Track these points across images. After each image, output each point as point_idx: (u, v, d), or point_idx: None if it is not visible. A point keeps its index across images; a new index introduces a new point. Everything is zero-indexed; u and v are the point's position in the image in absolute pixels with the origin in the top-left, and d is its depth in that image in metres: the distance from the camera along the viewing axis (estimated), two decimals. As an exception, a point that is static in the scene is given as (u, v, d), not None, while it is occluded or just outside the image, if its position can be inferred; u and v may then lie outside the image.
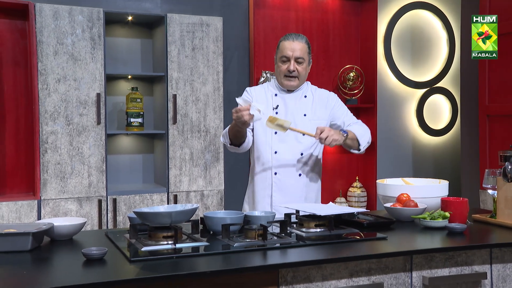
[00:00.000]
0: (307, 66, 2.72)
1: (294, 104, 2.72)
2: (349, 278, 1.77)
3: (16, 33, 3.98)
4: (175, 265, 1.64)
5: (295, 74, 2.66)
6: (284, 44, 2.68)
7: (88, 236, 2.07)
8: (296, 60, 2.65)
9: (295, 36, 2.71)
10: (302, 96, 2.75)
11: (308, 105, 2.74)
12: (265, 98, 2.74)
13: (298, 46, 2.65)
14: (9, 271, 1.60)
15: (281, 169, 2.65)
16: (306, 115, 2.71)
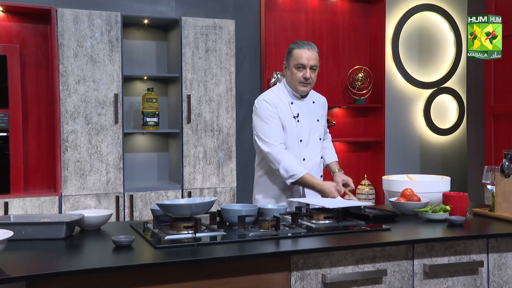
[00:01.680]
0: (316, 73, 2.89)
1: (308, 110, 2.89)
2: (355, 265, 1.92)
3: (38, 36, 4.16)
4: (195, 251, 1.80)
5: (310, 81, 2.83)
6: (299, 52, 2.79)
7: (114, 226, 2.24)
8: (311, 68, 2.80)
9: (309, 45, 2.82)
10: (311, 102, 2.93)
11: (317, 110, 2.94)
12: (284, 107, 2.84)
13: (313, 55, 2.80)
14: (48, 256, 1.77)
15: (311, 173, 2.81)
16: (319, 120, 2.93)
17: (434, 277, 2.06)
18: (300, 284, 1.85)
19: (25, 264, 1.69)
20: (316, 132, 2.91)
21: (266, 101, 2.81)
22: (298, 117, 2.83)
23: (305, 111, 2.87)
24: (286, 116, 2.81)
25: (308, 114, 2.88)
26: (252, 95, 4.86)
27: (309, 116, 2.88)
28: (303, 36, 5.03)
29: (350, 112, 5.26)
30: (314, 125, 2.88)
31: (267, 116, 2.77)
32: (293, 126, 2.81)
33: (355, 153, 5.28)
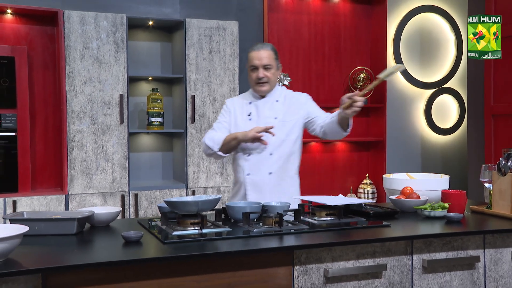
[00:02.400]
0: (275, 71, 2.90)
1: (266, 109, 2.90)
2: (356, 259, 1.99)
3: (45, 38, 4.24)
4: (202, 246, 1.88)
5: (265, 80, 2.85)
6: (251, 54, 2.88)
7: (122, 223, 2.32)
8: (264, 67, 2.83)
9: (260, 45, 2.89)
10: (274, 101, 2.93)
11: (279, 108, 2.91)
12: (241, 107, 2.95)
13: (265, 54, 2.84)
14: (61, 250, 1.84)
15: (253, 170, 2.83)
16: (277, 118, 2.88)
17: (432, 271, 2.13)
18: (303, 278, 1.92)
19: (40, 257, 1.76)
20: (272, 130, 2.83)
21: (226, 104, 3.04)
22: (250, 116, 2.90)
23: (262, 110, 2.90)
24: (241, 115, 2.92)
25: (265, 113, 2.89)
26: (255, 95, 4.93)
27: (266, 114, 2.88)
28: (305, 37, 5.11)
29: (352, 112, 5.31)
30: (270, 122, 2.85)
31: (220, 115, 3.01)
32: (244, 124, 2.88)
33: (357, 152, 5.35)
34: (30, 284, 1.58)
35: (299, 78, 5.09)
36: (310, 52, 5.14)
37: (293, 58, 5.08)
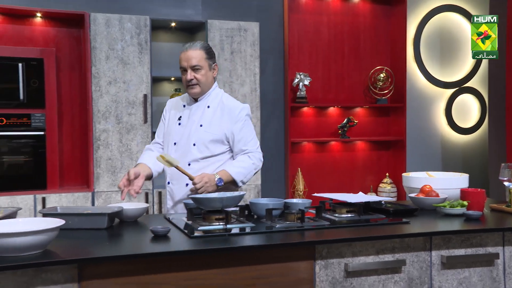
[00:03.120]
0: (207, 72, 2.67)
1: (196, 114, 2.71)
2: (375, 255, 2.05)
3: (72, 40, 4.37)
4: (226, 241, 1.95)
5: (195, 82, 2.64)
6: (180, 56, 2.68)
7: (150, 219, 2.41)
8: (192, 68, 2.63)
9: (189, 45, 2.68)
10: (205, 106, 2.72)
11: (208, 116, 2.70)
12: (176, 110, 2.81)
13: (193, 54, 2.63)
14: (94, 243, 1.94)
15: (174, 180, 2.74)
16: (202, 125, 2.68)
17: (451, 267, 2.17)
18: (324, 272, 1.98)
19: (75, 249, 1.86)
20: (193, 137, 2.67)
21: (166, 104, 2.91)
22: (180, 120, 2.75)
23: (192, 115, 2.72)
24: (173, 119, 2.79)
25: (193, 119, 2.71)
26: (276, 95, 5.00)
27: (193, 121, 2.70)
28: (325, 37, 5.16)
29: (372, 111, 5.36)
30: (193, 130, 2.68)
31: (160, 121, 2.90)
32: (173, 128, 2.76)
33: (377, 151, 5.38)
34: (66, 273, 1.68)
35: (319, 78, 5.15)
36: (329, 52, 5.19)
37: (313, 58, 5.14)
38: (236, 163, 2.66)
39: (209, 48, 2.72)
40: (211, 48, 2.75)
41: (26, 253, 1.69)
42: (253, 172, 2.70)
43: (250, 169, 2.68)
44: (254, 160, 2.71)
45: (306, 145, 5.17)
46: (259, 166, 2.76)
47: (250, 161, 2.68)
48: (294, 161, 5.05)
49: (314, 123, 5.18)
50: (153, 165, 2.73)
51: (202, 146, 2.66)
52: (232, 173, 2.60)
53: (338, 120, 5.21)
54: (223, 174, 2.57)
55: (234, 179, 2.60)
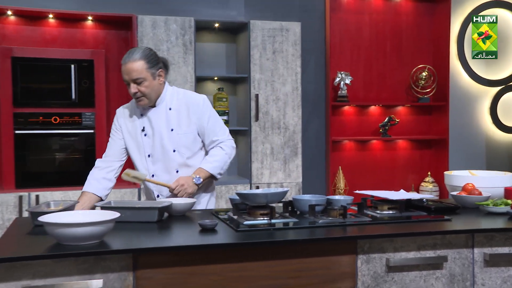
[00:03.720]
0: (152, 81, 2.55)
1: (160, 120, 2.62)
2: (417, 251, 2.09)
3: (120, 41, 4.54)
4: (271, 235, 2.03)
5: (139, 95, 2.54)
6: (121, 68, 2.55)
7: (196, 213, 2.51)
8: (134, 82, 2.52)
9: (127, 56, 2.53)
10: (166, 109, 2.62)
11: (174, 118, 2.62)
12: (132, 122, 2.66)
13: (133, 67, 2.49)
14: (146, 235, 2.06)
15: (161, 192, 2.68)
16: (173, 130, 2.61)
17: (494, 265, 2.18)
18: (366, 266, 2.04)
19: (129, 240, 1.98)
20: (170, 144, 2.62)
21: (116, 115, 2.76)
22: (145, 131, 2.63)
23: (156, 122, 2.62)
24: (134, 131, 2.65)
25: (159, 125, 2.61)
26: (317, 94, 5.05)
27: (160, 127, 2.61)
28: (366, 36, 5.17)
29: (414, 110, 5.34)
30: (166, 136, 2.61)
31: (112, 128, 2.75)
32: (140, 140, 2.64)
33: (418, 150, 5.36)
34: (122, 262, 1.79)
35: (360, 77, 5.17)
36: (371, 51, 5.20)
37: (354, 57, 5.16)
38: (210, 158, 2.66)
39: (149, 55, 2.55)
40: (152, 54, 2.58)
41: (85, 243, 1.81)
42: (228, 162, 2.73)
43: (225, 159, 2.70)
44: (227, 150, 2.71)
45: (347, 144, 5.20)
46: (233, 153, 2.76)
47: (223, 152, 2.69)
48: (335, 159, 5.09)
49: (355, 121, 5.21)
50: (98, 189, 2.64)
51: (183, 149, 2.63)
52: (208, 168, 2.62)
53: (379, 119, 5.22)
54: (200, 172, 2.60)
55: (212, 174, 2.64)
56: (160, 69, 2.60)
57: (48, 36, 4.37)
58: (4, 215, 4.03)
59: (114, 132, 2.74)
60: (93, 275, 1.77)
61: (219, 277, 1.90)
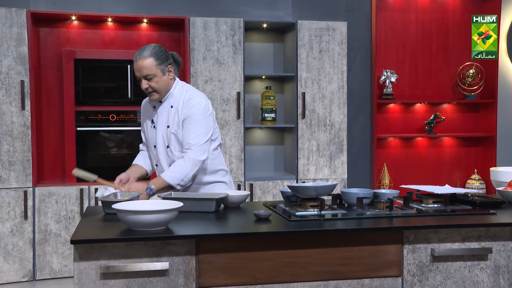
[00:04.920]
0: (161, 78, 2.66)
1: (162, 116, 2.76)
2: (461, 242, 2.18)
3: (173, 42, 4.76)
4: (321, 225, 2.17)
5: (150, 90, 2.68)
6: (133, 65, 2.69)
7: (250, 205, 2.67)
8: (145, 78, 2.65)
9: (138, 54, 2.65)
10: (168, 107, 2.75)
11: (172, 116, 2.73)
12: (148, 113, 2.86)
13: (143, 64, 2.61)
14: (206, 223, 2.23)
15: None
16: (169, 126, 2.73)
17: (538, 258, 2.25)
18: (412, 256, 2.15)
19: (191, 227, 2.16)
20: (165, 139, 2.75)
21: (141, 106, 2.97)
22: (154, 123, 2.80)
23: (160, 117, 2.77)
24: (148, 122, 2.85)
25: (162, 120, 2.76)
26: (363, 92, 5.14)
27: (162, 123, 2.76)
28: (412, 34, 5.22)
29: (460, 108, 5.35)
30: (163, 132, 2.75)
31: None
32: (150, 131, 2.83)
33: (465, 148, 5.37)
34: (186, 247, 1.97)
35: (406, 75, 5.22)
36: (417, 49, 5.24)
37: (400, 56, 5.21)
38: (173, 167, 2.66)
39: (158, 52, 2.65)
40: (161, 51, 2.68)
41: (152, 229, 2.00)
42: (190, 174, 2.64)
43: (186, 172, 2.63)
44: (188, 162, 2.64)
45: (392, 141, 5.27)
46: (197, 165, 2.65)
47: (186, 164, 2.64)
48: (380, 156, 5.17)
49: (400, 119, 5.27)
50: (145, 164, 2.94)
51: (174, 146, 2.72)
52: (167, 178, 2.62)
53: (424, 116, 5.26)
54: (156, 182, 2.61)
55: (170, 184, 2.62)
56: (170, 65, 2.70)
57: (107, 38, 4.63)
58: (67, 207, 4.31)
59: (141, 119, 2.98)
60: (160, 257, 1.96)
61: (273, 263, 2.05)
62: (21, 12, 4.18)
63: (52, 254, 4.29)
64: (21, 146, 4.22)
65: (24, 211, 4.22)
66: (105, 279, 1.92)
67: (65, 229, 4.31)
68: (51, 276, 4.30)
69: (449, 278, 2.18)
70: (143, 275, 1.95)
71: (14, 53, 4.17)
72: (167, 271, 1.96)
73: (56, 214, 4.29)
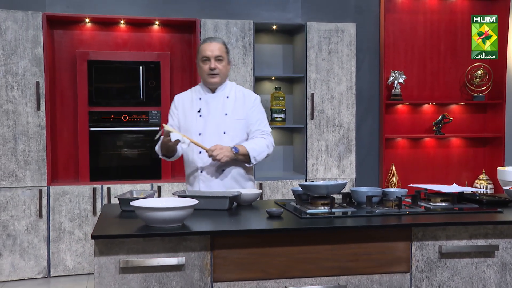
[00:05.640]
0: (226, 65, 2.91)
1: (217, 104, 2.91)
2: (468, 239, 2.24)
3: (184, 44, 4.84)
4: (332, 222, 2.23)
5: (217, 72, 2.86)
6: (203, 46, 2.88)
7: (262, 203, 2.75)
8: (216, 58, 2.85)
9: (212, 38, 2.92)
10: (224, 97, 2.93)
11: (230, 105, 2.92)
12: (191, 103, 2.95)
13: (216, 46, 2.86)
14: (220, 220, 2.30)
15: (206, 167, 2.90)
16: (227, 114, 2.90)
17: (544, 256, 2.31)
18: (420, 252, 2.21)
19: (206, 224, 2.23)
20: (221, 126, 2.89)
21: (174, 100, 3.04)
22: (200, 112, 2.91)
23: (213, 106, 2.91)
24: (190, 111, 2.93)
25: (215, 109, 2.90)
26: (372, 93, 5.20)
27: (216, 111, 2.90)
28: (421, 35, 5.26)
29: (468, 108, 5.39)
30: (219, 119, 2.89)
31: (170, 113, 3.02)
32: (194, 120, 2.90)
33: (473, 148, 5.41)
34: (202, 242, 2.05)
35: (414, 76, 5.26)
36: (425, 50, 5.29)
37: (408, 57, 5.26)
38: (252, 141, 2.90)
39: (227, 45, 2.97)
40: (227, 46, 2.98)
41: (169, 225, 2.07)
42: (265, 153, 2.91)
43: (264, 149, 2.90)
44: (268, 143, 2.94)
45: (400, 141, 5.32)
46: (271, 150, 2.96)
47: (265, 142, 2.92)
48: (388, 156, 5.22)
49: (408, 119, 5.32)
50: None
51: (232, 133, 2.88)
52: (249, 148, 2.84)
53: (432, 117, 5.31)
54: (239, 146, 2.83)
55: (248, 153, 2.83)
56: (231, 61, 3.01)
57: (120, 40, 4.72)
58: (80, 205, 4.40)
59: (171, 116, 3.02)
60: (176, 253, 2.03)
61: (285, 258, 2.12)
62: (37, 15, 4.28)
63: (66, 252, 4.38)
64: (36, 145, 4.32)
65: (39, 210, 4.31)
66: (124, 273, 2.00)
67: (78, 227, 4.40)
68: (65, 273, 4.40)
69: (457, 274, 2.24)
70: (160, 269, 2.02)
71: (30, 55, 4.27)
72: (183, 266, 2.04)
73: (70, 213, 4.38)
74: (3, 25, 4.23)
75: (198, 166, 2.93)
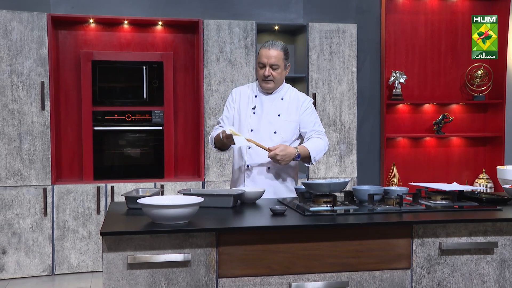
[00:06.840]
0: (282, 71, 2.96)
1: (271, 105, 2.98)
2: (468, 236, 2.29)
3: (187, 44, 4.88)
4: (334, 219, 2.28)
5: (270, 79, 2.92)
6: (261, 51, 2.93)
7: (266, 201, 2.79)
8: (271, 66, 2.89)
9: (271, 44, 2.92)
10: (279, 98, 3.00)
11: (283, 107, 2.99)
12: (247, 99, 3.03)
13: (273, 54, 2.89)
14: (225, 217, 2.35)
15: (254, 163, 2.97)
16: (280, 115, 2.96)
17: (542, 253, 2.35)
18: (421, 249, 2.26)
19: (212, 221, 2.28)
20: (273, 126, 2.95)
21: (232, 93, 3.10)
22: (255, 109, 2.98)
23: (267, 106, 2.98)
24: (245, 107, 3.00)
25: (269, 109, 2.97)
26: (373, 93, 5.24)
27: (269, 110, 2.97)
28: (421, 36, 5.31)
29: (468, 108, 5.43)
30: (272, 119, 2.96)
31: (226, 104, 3.09)
32: (248, 116, 2.97)
33: (473, 147, 5.45)
34: (208, 239, 2.09)
35: (415, 76, 5.31)
36: (426, 50, 5.34)
37: (409, 57, 5.31)
38: (312, 141, 2.96)
39: (287, 50, 2.98)
40: (288, 50, 3.01)
41: (175, 222, 2.12)
42: (323, 153, 2.99)
43: (322, 148, 2.98)
44: (325, 142, 3.01)
45: (401, 141, 5.36)
46: (327, 149, 3.05)
47: (323, 142, 2.99)
48: (389, 156, 5.27)
49: (409, 119, 5.36)
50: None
51: (283, 134, 2.95)
52: (310, 149, 2.90)
53: (433, 116, 5.35)
54: (302, 149, 2.88)
55: (310, 155, 2.90)
56: (289, 64, 3.03)
57: (123, 41, 4.77)
58: (84, 204, 4.45)
59: (227, 108, 3.08)
60: (183, 249, 2.08)
61: (288, 255, 2.17)
62: (42, 16, 4.33)
63: (70, 250, 4.43)
64: (41, 145, 4.37)
65: (44, 208, 4.36)
66: (132, 269, 2.04)
67: (82, 225, 4.45)
68: (69, 271, 4.45)
69: (456, 270, 2.29)
70: (167, 265, 2.07)
71: (35, 55, 4.32)
72: (189, 262, 2.08)
73: (74, 211, 4.43)
74: (8, 26, 4.28)
75: (246, 162, 2.99)
